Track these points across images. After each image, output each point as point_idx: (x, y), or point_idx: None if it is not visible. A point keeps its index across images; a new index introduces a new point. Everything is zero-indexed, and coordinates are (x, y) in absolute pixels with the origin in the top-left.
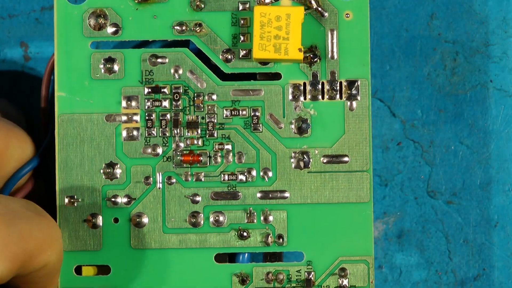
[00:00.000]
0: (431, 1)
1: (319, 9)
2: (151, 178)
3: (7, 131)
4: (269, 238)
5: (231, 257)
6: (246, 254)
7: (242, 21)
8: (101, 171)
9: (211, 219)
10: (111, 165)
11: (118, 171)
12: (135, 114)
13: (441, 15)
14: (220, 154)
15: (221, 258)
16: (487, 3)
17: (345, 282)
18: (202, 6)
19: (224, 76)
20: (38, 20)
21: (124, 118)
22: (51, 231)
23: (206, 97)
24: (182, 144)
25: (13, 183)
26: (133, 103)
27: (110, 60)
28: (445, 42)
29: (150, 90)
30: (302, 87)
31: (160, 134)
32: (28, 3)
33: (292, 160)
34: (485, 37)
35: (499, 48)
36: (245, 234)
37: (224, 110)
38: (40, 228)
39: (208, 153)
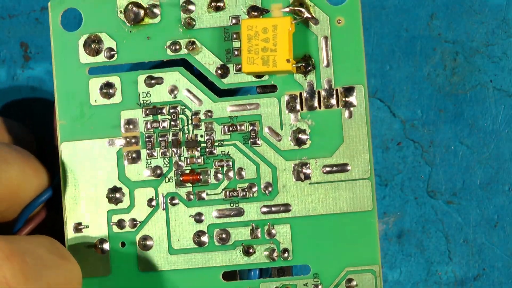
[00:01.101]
0: (431, 1)
1: (310, 17)
2: (155, 200)
3: (23, 162)
4: (275, 253)
5: (239, 274)
6: (257, 270)
7: (234, 36)
8: (106, 196)
9: (216, 237)
10: (115, 189)
11: (122, 195)
12: (135, 137)
13: (441, 15)
14: (221, 171)
15: (228, 275)
16: (487, 3)
17: None
18: (194, 23)
19: (220, 92)
20: (38, 20)
21: (124, 141)
22: (74, 277)
23: (203, 115)
24: (183, 164)
25: (27, 214)
26: (132, 126)
27: (107, 85)
28: (445, 42)
29: (148, 112)
30: (298, 98)
31: (161, 155)
32: (28, 3)
33: (292, 172)
34: (485, 37)
35: (499, 48)
36: (250, 250)
37: (222, 127)
38: (64, 275)
39: (209, 171)
